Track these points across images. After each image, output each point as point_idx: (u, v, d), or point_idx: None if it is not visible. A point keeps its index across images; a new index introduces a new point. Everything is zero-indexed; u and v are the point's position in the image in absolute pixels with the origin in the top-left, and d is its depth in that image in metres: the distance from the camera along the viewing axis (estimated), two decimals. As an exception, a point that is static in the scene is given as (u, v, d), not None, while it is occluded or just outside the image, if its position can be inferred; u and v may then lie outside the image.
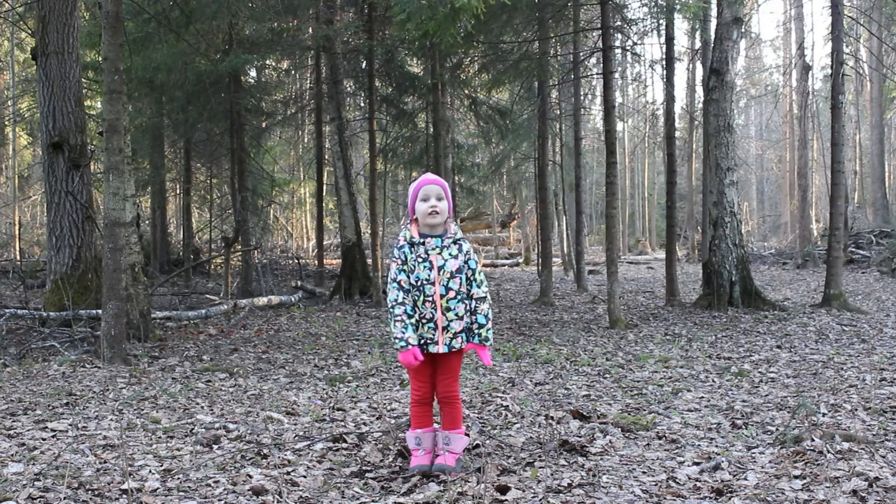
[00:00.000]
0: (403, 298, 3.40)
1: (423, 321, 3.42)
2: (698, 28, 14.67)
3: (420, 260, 3.41)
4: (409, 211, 3.53)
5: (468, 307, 3.45)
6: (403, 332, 3.37)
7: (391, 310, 3.42)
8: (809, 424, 4.14)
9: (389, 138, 16.49)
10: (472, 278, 3.46)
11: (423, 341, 3.42)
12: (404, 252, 3.44)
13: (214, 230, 19.94)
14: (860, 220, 24.98)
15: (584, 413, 4.54)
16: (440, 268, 3.40)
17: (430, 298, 3.40)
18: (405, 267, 3.43)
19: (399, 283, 3.42)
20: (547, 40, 12.43)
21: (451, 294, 3.41)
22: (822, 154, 23.96)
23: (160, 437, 4.12)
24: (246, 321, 10.06)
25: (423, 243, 3.42)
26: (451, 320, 3.41)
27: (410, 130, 16.48)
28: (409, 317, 3.40)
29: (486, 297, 3.48)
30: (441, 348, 3.41)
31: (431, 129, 14.74)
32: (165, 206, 20.06)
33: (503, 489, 3.17)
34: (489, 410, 4.70)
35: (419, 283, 3.41)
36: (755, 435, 4.08)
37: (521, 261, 25.48)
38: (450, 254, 3.43)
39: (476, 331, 3.44)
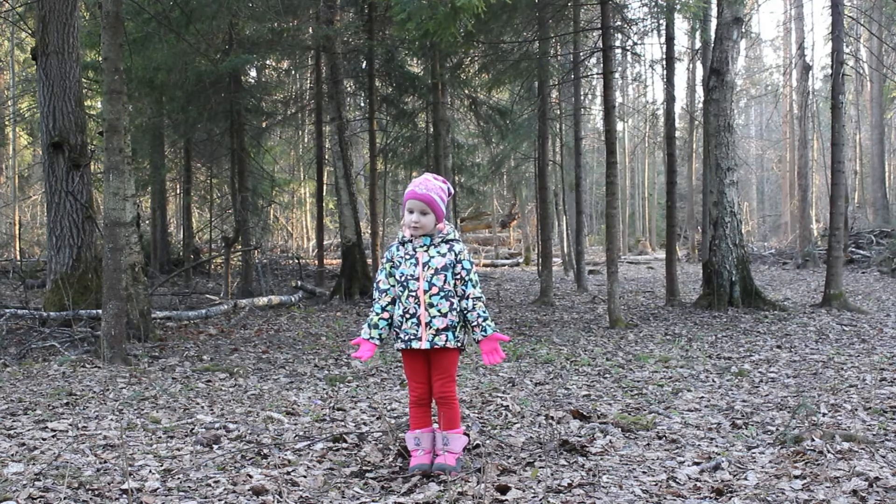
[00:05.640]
0: (380, 297, 3.55)
1: (407, 316, 3.45)
2: (698, 28, 14.68)
3: (407, 257, 3.49)
4: (402, 212, 3.57)
5: (455, 306, 3.45)
6: (367, 325, 3.55)
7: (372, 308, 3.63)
8: (809, 424, 4.14)
9: (389, 138, 16.49)
10: (466, 278, 3.47)
11: (406, 338, 3.46)
12: (391, 252, 3.55)
13: (214, 230, 19.93)
14: (860, 220, 24.98)
15: (584, 413, 4.54)
16: (425, 264, 3.45)
17: (414, 294, 3.44)
18: (388, 266, 3.54)
19: (377, 283, 3.58)
20: (547, 40, 12.43)
21: (435, 290, 3.43)
22: (822, 154, 23.97)
23: (160, 437, 4.12)
24: (246, 321, 10.06)
25: (412, 241, 3.50)
26: (434, 316, 3.42)
27: (410, 130, 16.49)
28: (380, 316, 3.53)
29: (481, 296, 3.49)
30: (423, 344, 3.42)
31: (431, 129, 14.75)
32: (165, 206, 20.05)
33: (503, 489, 3.17)
34: (489, 410, 4.70)
35: (403, 279, 3.47)
36: (755, 435, 4.08)
37: (521, 261, 25.48)
38: (437, 252, 3.47)
39: (483, 324, 3.45)
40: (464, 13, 7.21)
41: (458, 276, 3.47)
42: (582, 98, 17.18)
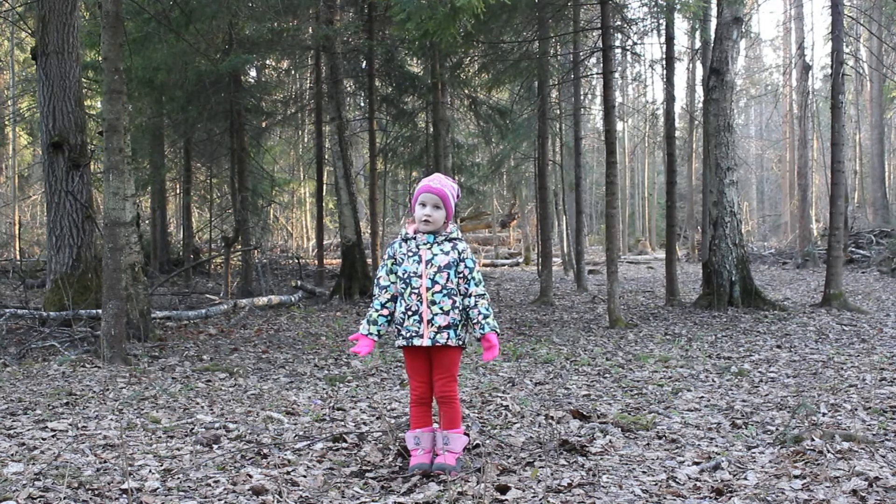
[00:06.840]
0: (380, 294, 3.56)
1: (409, 314, 3.46)
2: (698, 28, 14.68)
3: (410, 254, 3.50)
4: (410, 208, 3.58)
5: (457, 304, 3.47)
6: (366, 321, 3.55)
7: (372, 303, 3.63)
8: (809, 424, 4.14)
9: (389, 138, 16.49)
10: (469, 277, 3.49)
11: (408, 335, 3.46)
12: (394, 248, 3.56)
13: (214, 230, 19.93)
14: (860, 220, 24.98)
15: (584, 413, 4.54)
16: (428, 261, 3.47)
17: (417, 291, 3.45)
18: (389, 263, 3.55)
19: (378, 280, 3.59)
20: (547, 40, 12.43)
21: (437, 287, 3.44)
22: (822, 154, 23.97)
23: (160, 437, 4.12)
24: (246, 321, 10.06)
25: (415, 238, 3.52)
26: (436, 314, 3.43)
27: (410, 130, 16.49)
28: (380, 312, 3.53)
29: (484, 294, 3.51)
30: (425, 341, 3.43)
31: (431, 129, 14.75)
32: (165, 206, 20.05)
33: (503, 489, 3.17)
34: (489, 410, 4.70)
35: (406, 276, 3.48)
36: (755, 435, 4.08)
37: (521, 261, 25.47)
38: (441, 250, 3.48)
39: (482, 321, 3.45)
40: (463, 13, 7.21)
41: (462, 275, 3.48)
42: (582, 98, 17.19)
